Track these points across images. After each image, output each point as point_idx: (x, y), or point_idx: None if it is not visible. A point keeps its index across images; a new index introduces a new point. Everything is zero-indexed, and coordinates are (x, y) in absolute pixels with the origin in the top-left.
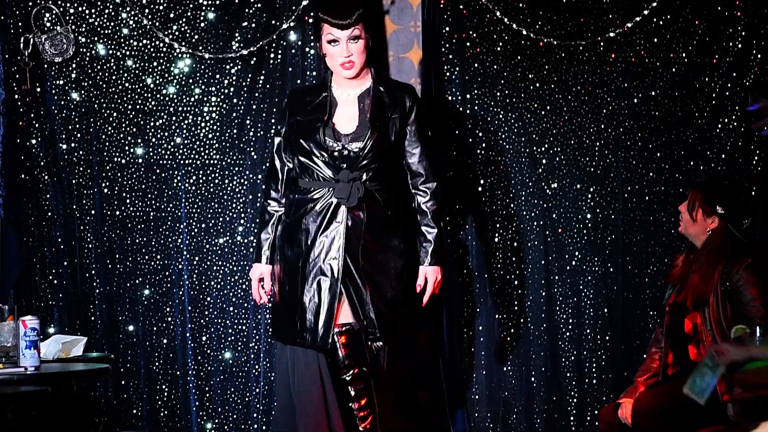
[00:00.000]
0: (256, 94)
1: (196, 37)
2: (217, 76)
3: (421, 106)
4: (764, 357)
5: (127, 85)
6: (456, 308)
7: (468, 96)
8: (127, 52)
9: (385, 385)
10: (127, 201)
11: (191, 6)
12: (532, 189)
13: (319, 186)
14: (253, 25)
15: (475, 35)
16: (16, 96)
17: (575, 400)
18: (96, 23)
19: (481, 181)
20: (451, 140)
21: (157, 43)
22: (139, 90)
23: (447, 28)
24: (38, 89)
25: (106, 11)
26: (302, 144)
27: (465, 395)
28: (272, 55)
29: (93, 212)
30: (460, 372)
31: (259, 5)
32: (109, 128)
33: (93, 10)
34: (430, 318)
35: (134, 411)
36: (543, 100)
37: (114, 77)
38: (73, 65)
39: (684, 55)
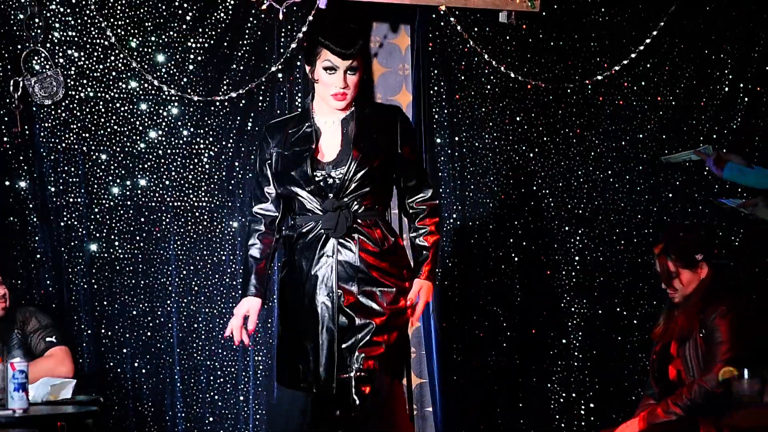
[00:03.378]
0: (245, 137)
1: (185, 79)
2: (206, 119)
3: (410, 124)
4: None
5: (115, 127)
6: (443, 350)
7: (456, 138)
8: (116, 95)
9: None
10: (116, 243)
11: (180, 49)
12: (520, 231)
13: (308, 219)
14: (242, 67)
15: (463, 78)
16: (5, 138)
17: None
18: (85, 66)
19: (470, 223)
20: (439, 183)
21: (146, 85)
22: (127, 132)
23: (435, 71)
24: (27, 132)
25: (95, 54)
26: (286, 177)
27: None
28: (261, 98)
29: (81, 254)
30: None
31: (248, 48)
32: (98, 171)
33: (82, 53)
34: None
35: None
36: (531, 143)
37: (103, 120)
38: (62, 108)
39: (671, 98)
